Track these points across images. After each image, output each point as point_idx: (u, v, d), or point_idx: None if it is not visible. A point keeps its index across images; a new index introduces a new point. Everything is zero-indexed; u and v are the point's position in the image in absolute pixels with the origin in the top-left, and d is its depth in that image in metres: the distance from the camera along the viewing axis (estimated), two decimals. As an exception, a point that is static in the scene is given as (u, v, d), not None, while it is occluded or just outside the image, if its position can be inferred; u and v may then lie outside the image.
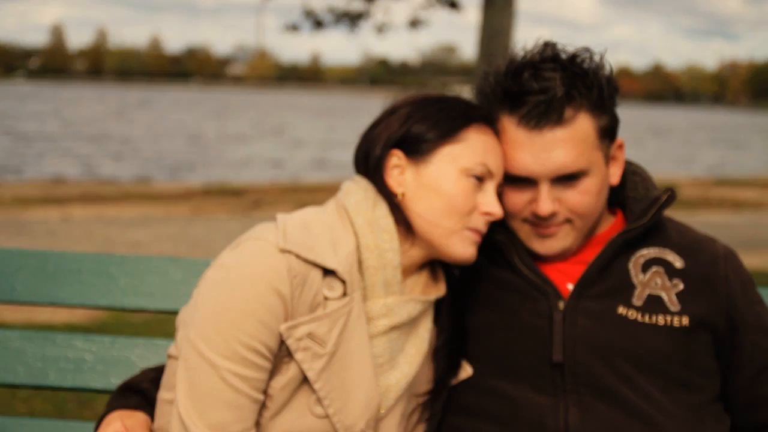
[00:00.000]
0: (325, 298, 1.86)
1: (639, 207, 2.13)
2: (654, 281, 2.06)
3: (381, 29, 14.09)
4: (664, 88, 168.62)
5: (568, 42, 2.07)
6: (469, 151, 1.96)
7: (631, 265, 2.08)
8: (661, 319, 2.02)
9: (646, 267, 2.08)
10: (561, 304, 2.03)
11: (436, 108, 1.99)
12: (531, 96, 1.98)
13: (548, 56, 2.02)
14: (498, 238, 2.08)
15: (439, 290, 2.04)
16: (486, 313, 2.10)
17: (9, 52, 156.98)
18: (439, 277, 2.06)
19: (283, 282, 1.81)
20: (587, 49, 2.06)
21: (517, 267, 2.09)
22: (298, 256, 1.83)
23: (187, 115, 54.30)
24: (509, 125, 2.02)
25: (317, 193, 15.84)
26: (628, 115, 2.14)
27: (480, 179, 1.97)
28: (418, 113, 1.98)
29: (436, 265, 2.06)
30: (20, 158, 24.88)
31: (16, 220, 12.08)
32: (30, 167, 22.68)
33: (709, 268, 2.09)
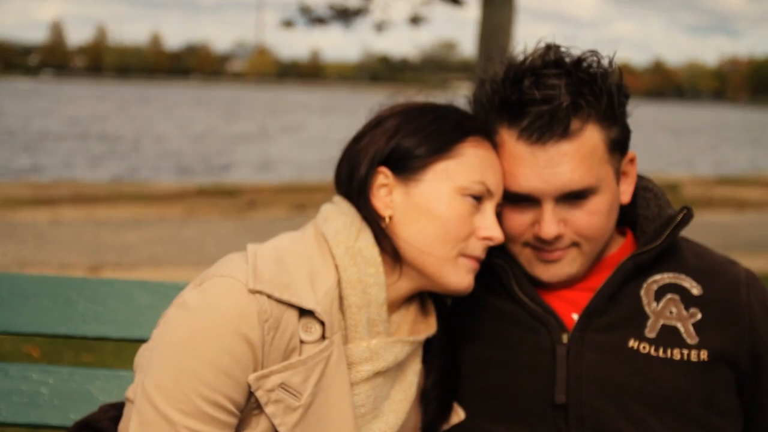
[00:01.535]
0: (302, 342, 1.68)
1: (651, 227, 2.00)
2: (668, 310, 1.91)
3: (381, 27, 14.10)
4: (665, 84, 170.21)
5: (569, 38, 1.93)
6: (465, 167, 1.80)
7: (642, 293, 1.93)
8: (677, 353, 1.87)
9: (659, 294, 1.92)
10: (565, 337, 1.89)
11: (427, 119, 1.82)
12: (533, 106, 1.84)
13: (551, 60, 1.89)
14: (495, 262, 1.93)
15: (430, 327, 1.88)
16: (480, 348, 1.96)
17: (8, 49, 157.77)
18: (429, 311, 1.90)
19: (252, 327, 1.62)
20: (594, 52, 1.92)
21: (516, 295, 1.95)
22: (270, 296, 1.64)
23: (188, 112, 54.39)
24: (509, 139, 1.87)
25: (315, 193, 15.69)
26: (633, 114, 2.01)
27: (478, 199, 1.81)
28: (408, 126, 1.81)
29: (425, 296, 1.90)
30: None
31: (3, 222, 12.02)
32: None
33: (729, 294, 1.95)
